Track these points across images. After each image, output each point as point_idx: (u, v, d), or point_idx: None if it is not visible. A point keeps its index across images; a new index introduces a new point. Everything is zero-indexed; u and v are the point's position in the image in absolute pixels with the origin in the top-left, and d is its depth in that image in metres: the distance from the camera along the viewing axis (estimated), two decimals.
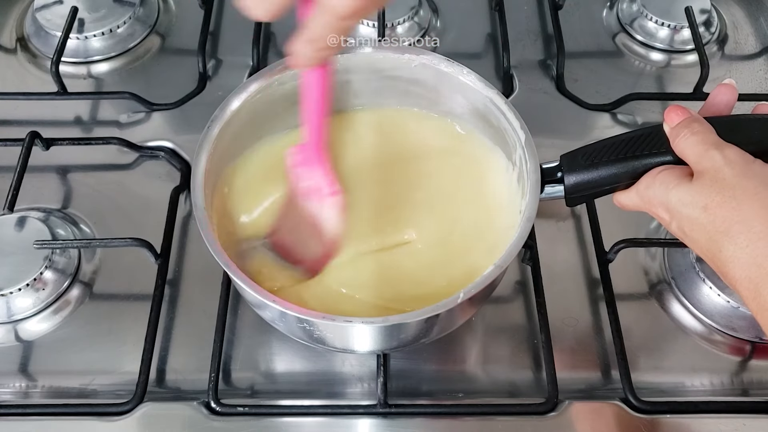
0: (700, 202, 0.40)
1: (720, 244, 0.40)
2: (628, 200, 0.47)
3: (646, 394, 0.53)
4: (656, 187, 0.44)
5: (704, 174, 0.41)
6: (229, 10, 0.80)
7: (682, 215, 0.42)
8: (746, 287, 0.38)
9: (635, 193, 0.46)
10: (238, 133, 0.55)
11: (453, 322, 0.52)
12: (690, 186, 0.41)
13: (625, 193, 0.47)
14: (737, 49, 0.77)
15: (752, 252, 0.38)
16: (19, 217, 0.60)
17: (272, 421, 0.52)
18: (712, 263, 0.42)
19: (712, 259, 0.41)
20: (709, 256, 0.41)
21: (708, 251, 0.41)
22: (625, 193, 0.47)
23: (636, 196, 0.46)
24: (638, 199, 0.46)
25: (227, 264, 0.47)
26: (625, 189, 0.47)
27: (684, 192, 0.42)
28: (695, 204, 0.41)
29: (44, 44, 0.75)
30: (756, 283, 0.38)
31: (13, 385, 0.55)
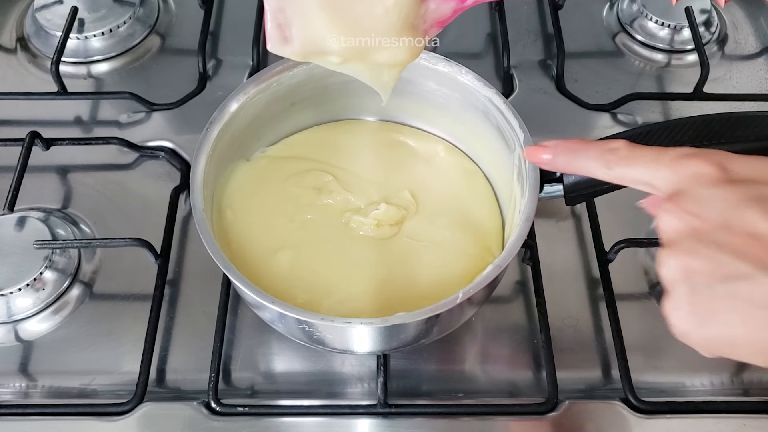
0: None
1: None
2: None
3: (646, 394, 0.53)
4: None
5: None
6: (229, 10, 0.80)
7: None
8: None
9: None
10: (237, 134, 0.55)
11: (453, 323, 0.52)
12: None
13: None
14: (737, 49, 0.77)
15: None
16: (19, 217, 0.60)
17: (272, 421, 0.52)
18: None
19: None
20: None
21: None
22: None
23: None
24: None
25: (226, 266, 0.47)
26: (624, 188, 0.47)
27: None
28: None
29: (44, 44, 0.75)
30: None
31: (13, 385, 0.55)
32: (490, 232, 0.56)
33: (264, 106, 0.56)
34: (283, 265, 0.53)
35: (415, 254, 0.55)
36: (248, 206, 0.56)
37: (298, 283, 0.53)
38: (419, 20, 0.42)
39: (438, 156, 0.61)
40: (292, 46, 0.44)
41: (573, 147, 0.42)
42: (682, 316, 0.34)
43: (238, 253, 0.54)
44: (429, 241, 0.55)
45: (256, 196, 0.57)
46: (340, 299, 0.52)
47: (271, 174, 0.59)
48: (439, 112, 0.59)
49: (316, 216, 0.56)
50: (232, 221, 0.55)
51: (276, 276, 0.53)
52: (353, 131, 0.62)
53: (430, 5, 0.42)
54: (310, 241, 0.55)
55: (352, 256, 0.54)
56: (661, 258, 0.34)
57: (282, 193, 0.57)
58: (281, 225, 0.56)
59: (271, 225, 0.56)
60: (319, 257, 0.54)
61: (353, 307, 0.52)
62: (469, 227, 0.56)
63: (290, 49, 0.44)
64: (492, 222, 0.57)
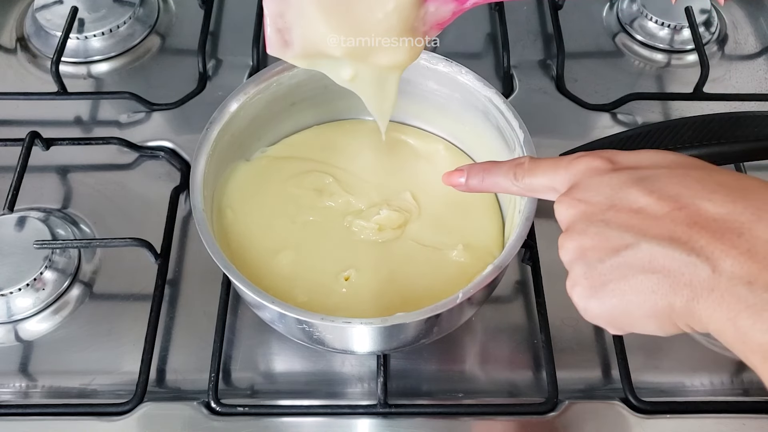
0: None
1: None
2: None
3: (646, 394, 0.53)
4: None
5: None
6: (229, 10, 0.80)
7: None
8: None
9: None
10: (237, 134, 0.55)
11: (453, 323, 0.52)
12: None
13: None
14: (737, 49, 0.77)
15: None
16: (19, 217, 0.60)
17: (272, 421, 0.52)
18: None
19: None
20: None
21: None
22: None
23: None
24: None
25: (226, 266, 0.47)
26: None
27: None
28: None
29: (44, 44, 0.75)
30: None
31: (13, 385, 0.55)
32: (490, 233, 0.56)
33: (264, 106, 0.56)
34: (283, 266, 0.53)
35: (415, 255, 0.55)
36: (248, 207, 0.56)
37: (299, 283, 0.53)
38: (419, 22, 0.43)
39: (439, 155, 0.61)
40: (292, 50, 0.44)
41: (484, 167, 0.45)
42: (580, 292, 0.36)
43: (238, 253, 0.54)
44: (429, 242, 0.55)
45: (257, 196, 0.57)
46: (339, 299, 0.52)
47: (272, 174, 0.59)
48: (439, 112, 0.59)
49: (317, 218, 0.56)
50: (233, 221, 0.55)
51: (276, 276, 0.53)
52: (353, 131, 0.62)
53: (429, 7, 0.43)
54: (311, 242, 0.55)
55: (352, 257, 0.54)
56: (561, 243, 0.37)
57: (282, 194, 0.57)
58: (282, 226, 0.56)
59: (271, 226, 0.56)
60: (320, 258, 0.54)
61: (353, 307, 0.52)
62: (470, 228, 0.56)
63: (291, 53, 0.45)
64: (492, 222, 0.57)
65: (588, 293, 0.36)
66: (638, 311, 0.34)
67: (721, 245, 0.31)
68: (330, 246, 0.55)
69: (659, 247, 0.33)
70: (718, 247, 0.31)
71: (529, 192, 0.42)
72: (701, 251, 0.32)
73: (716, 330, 0.32)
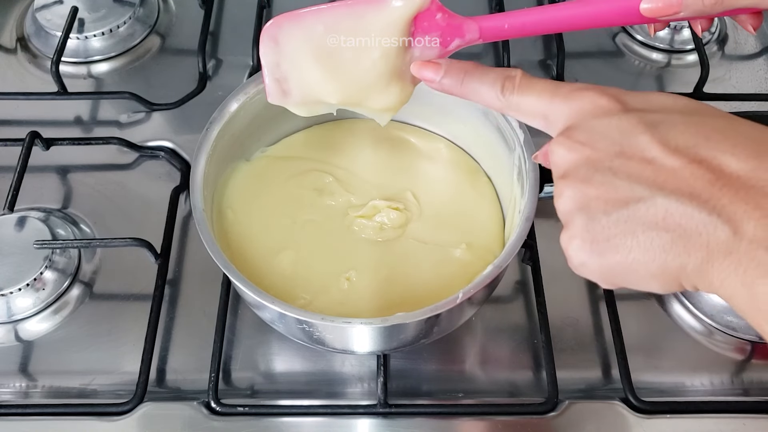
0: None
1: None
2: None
3: (646, 394, 0.53)
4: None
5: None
6: (229, 10, 0.80)
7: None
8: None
9: None
10: (237, 134, 0.55)
11: (453, 323, 0.52)
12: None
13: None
14: (737, 49, 0.77)
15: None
16: (19, 217, 0.60)
17: (272, 421, 0.52)
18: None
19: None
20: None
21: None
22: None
23: None
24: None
25: (226, 266, 0.47)
26: None
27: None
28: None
29: (44, 44, 0.75)
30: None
31: (13, 385, 0.55)
32: (490, 232, 0.56)
33: (264, 106, 0.56)
34: (283, 265, 0.53)
35: (415, 254, 0.55)
36: (248, 206, 0.56)
37: (299, 282, 0.53)
38: (405, 67, 0.44)
39: (439, 155, 0.61)
40: (291, 98, 0.46)
41: (466, 68, 0.40)
42: (579, 245, 0.33)
43: (238, 253, 0.54)
44: (429, 241, 0.55)
45: (257, 196, 0.57)
46: (340, 299, 0.52)
47: (272, 174, 0.59)
48: (439, 112, 0.59)
49: (317, 217, 0.56)
50: (233, 221, 0.55)
51: (276, 276, 0.53)
52: (353, 131, 0.62)
53: (414, 52, 0.43)
54: (311, 242, 0.55)
55: (352, 257, 0.54)
56: (557, 190, 0.34)
57: (283, 194, 0.57)
58: (282, 225, 0.56)
59: (271, 225, 0.56)
60: (320, 257, 0.54)
61: (353, 307, 0.52)
62: (470, 227, 0.56)
63: (290, 101, 0.47)
64: (493, 222, 0.57)
65: (588, 247, 0.33)
66: (643, 270, 0.32)
67: (744, 205, 0.29)
68: (330, 245, 0.55)
69: (677, 203, 0.30)
70: (741, 207, 0.29)
71: (514, 112, 0.38)
72: (722, 211, 0.29)
73: (728, 295, 0.30)
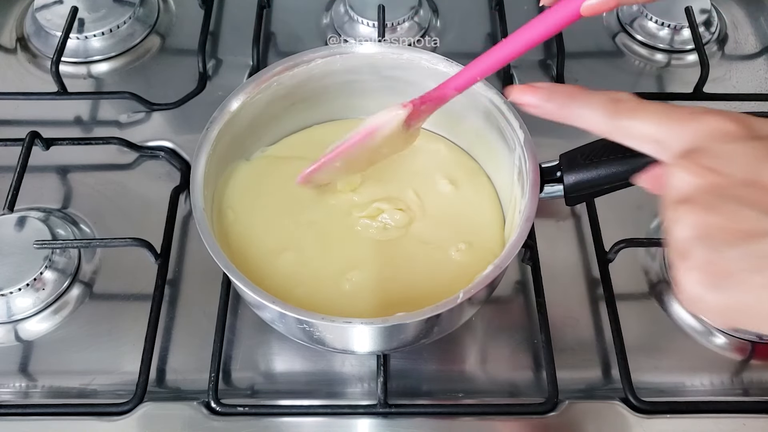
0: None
1: None
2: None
3: (646, 394, 0.53)
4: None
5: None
6: (229, 10, 0.80)
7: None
8: None
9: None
10: (237, 134, 0.55)
11: (453, 323, 0.52)
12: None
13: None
14: (737, 49, 0.77)
15: None
16: (19, 217, 0.60)
17: (272, 421, 0.52)
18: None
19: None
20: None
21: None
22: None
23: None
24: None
25: (227, 266, 0.47)
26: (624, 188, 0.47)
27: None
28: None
29: (44, 44, 0.75)
30: None
31: (13, 385, 0.55)
32: (490, 233, 0.56)
33: (264, 106, 0.56)
34: (283, 265, 0.53)
35: (415, 254, 0.55)
36: (249, 207, 0.56)
37: (299, 282, 0.53)
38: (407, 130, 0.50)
39: (439, 154, 0.61)
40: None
41: (570, 92, 0.38)
42: (696, 279, 0.30)
43: (238, 253, 0.54)
44: (429, 241, 0.55)
45: (258, 196, 0.57)
46: (340, 299, 0.52)
47: (272, 174, 0.59)
48: (440, 112, 0.59)
49: (317, 217, 0.56)
50: (233, 222, 0.55)
51: (276, 276, 0.53)
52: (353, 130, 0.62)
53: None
54: (311, 242, 0.55)
55: (353, 257, 0.54)
56: (676, 215, 0.31)
57: (283, 194, 0.57)
58: (282, 225, 0.56)
59: (272, 225, 0.56)
60: (320, 257, 0.54)
61: (354, 307, 0.51)
62: (470, 227, 0.56)
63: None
64: (493, 222, 0.57)
65: (708, 281, 0.30)
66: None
67: None
68: (331, 245, 0.55)
69: None
70: None
71: (623, 136, 0.35)
72: None
73: None
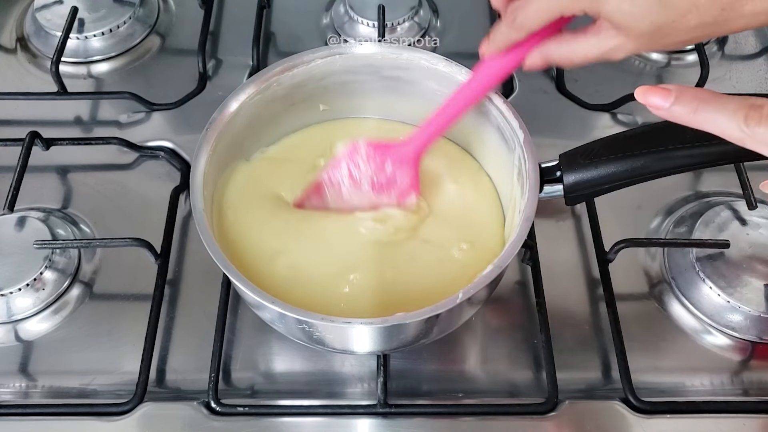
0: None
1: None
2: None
3: (646, 394, 0.53)
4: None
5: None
6: (229, 10, 0.80)
7: None
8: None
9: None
10: (237, 134, 0.55)
11: (453, 323, 0.52)
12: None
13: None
14: (737, 49, 0.77)
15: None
16: (19, 217, 0.60)
17: (272, 421, 0.52)
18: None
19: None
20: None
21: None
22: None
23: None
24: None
25: (226, 266, 0.47)
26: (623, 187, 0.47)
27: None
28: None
29: (44, 44, 0.75)
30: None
31: (13, 385, 0.55)
32: (490, 232, 0.56)
33: (264, 106, 0.56)
34: (283, 265, 0.53)
35: (415, 254, 0.55)
36: (249, 207, 0.56)
37: (299, 282, 0.53)
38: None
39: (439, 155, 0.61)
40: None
41: (701, 96, 0.36)
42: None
43: (239, 253, 0.54)
44: (429, 241, 0.55)
45: (258, 197, 0.57)
46: (340, 299, 0.52)
47: (272, 175, 0.59)
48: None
49: (318, 217, 0.56)
50: (233, 222, 0.55)
51: (276, 276, 0.53)
52: (353, 131, 0.62)
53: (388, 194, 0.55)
54: (311, 242, 0.55)
55: (352, 256, 0.54)
56: None
57: (283, 194, 0.57)
58: (282, 226, 0.56)
59: (272, 226, 0.56)
60: (320, 257, 0.54)
61: (353, 307, 0.51)
62: (470, 227, 0.56)
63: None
64: (493, 222, 0.57)
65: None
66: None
67: None
68: (330, 245, 0.55)
69: None
70: None
71: (760, 145, 0.34)
72: None
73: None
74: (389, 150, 0.55)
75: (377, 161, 0.55)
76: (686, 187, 0.65)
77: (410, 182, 0.55)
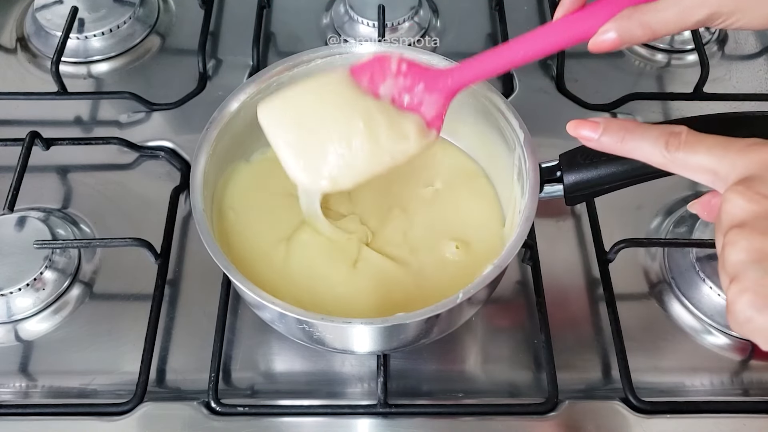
0: None
1: None
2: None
3: (646, 394, 0.53)
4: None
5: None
6: (229, 10, 0.80)
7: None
8: None
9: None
10: (237, 134, 0.55)
11: (453, 323, 0.52)
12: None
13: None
14: (737, 49, 0.77)
15: None
16: (19, 217, 0.60)
17: (272, 421, 0.52)
18: None
19: None
20: None
21: None
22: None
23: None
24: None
25: (226, 266, 0.47)
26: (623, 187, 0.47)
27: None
28: None
29: (44, 44, 0.75)
30: None
31: (13, 385, 0.55)
32: (490, 233, 0.56)
33: None
34: (284, 266, 0.53)
35: (416, 254, 0.55)
36: (250, 208, 0.56)
37: (299, 283, 0.53)
38: (410, 122, 0.47)
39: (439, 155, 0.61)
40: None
41: (626, 126, 0.39)
42: (750, 301, 0.31)
43: (239, 253, 0.54)
44: (429, 241, 0.55)
45: (258, 197, 0.57)
46: (340, 299, 0.52)
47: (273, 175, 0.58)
48: None
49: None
50: (234, 222, 0.55)
51: (276, 276, 0.53)
52: None
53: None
54: (312, 243, 0.55)
55: (353, 257, 0.54)
56: (730, 239, 0.32)
57: (283, 195, 0.57)
58: (282, 226, 0.56)
59: (271, 226, 0.56)
60: (321, 258, 0.54)
61: (353, 307, 0.51)
62: (470, 227, 0.56)
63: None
64: (493, 222, 0.57)
65: (760, 303, 0.31)
66: None
67: None
68: (331, 246, 0.55)
69: None
70: None
71: (680, 168, 0.37)
72: None
73: None
74: (426, 73, 0.48)
75: (408, 80, 0.48)
76: (686, 187, 0.65)
77: (435, 114, 0.48)
